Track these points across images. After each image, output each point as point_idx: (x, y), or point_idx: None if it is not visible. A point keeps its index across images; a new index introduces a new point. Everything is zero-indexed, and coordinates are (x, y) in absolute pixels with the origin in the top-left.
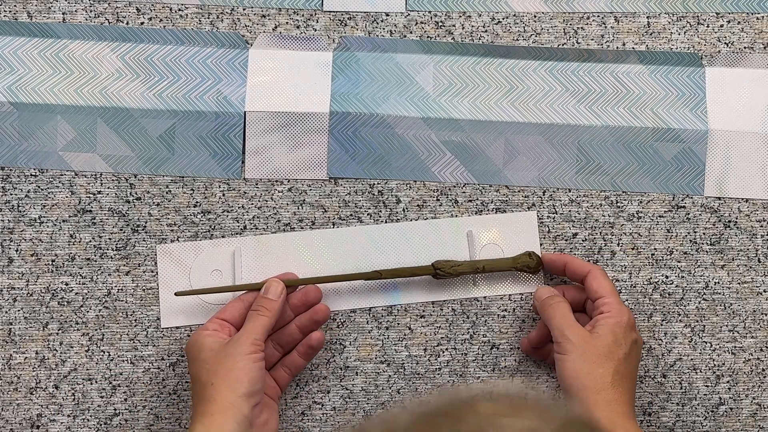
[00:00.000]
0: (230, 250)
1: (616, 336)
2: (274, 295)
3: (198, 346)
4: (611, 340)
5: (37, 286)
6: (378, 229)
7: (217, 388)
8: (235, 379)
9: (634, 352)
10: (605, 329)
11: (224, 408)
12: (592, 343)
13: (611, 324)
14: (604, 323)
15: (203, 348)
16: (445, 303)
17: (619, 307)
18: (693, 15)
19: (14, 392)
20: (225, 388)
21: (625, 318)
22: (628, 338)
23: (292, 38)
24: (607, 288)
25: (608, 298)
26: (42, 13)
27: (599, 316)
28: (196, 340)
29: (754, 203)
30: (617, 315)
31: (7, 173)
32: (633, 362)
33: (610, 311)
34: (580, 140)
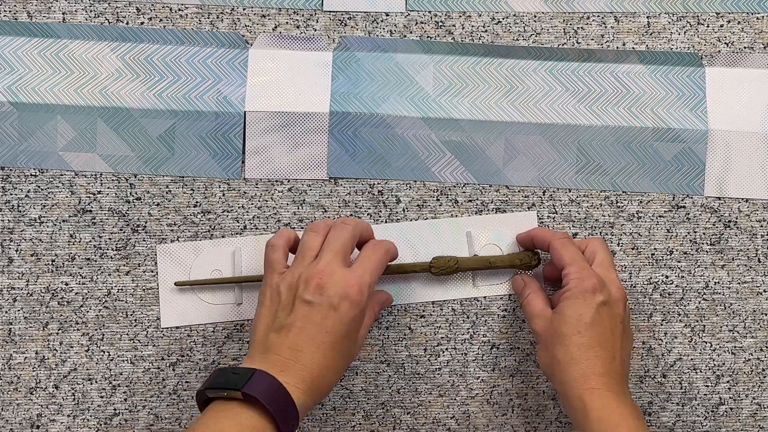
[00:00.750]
0: (230, 250)
1: (577, 308)
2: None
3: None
4: (571, 314)
5: (37, 286)
6: (378, 229)
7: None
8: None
9: (603, 314)
10: (565, 306)
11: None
12: (553, 327)
13: (570, 298)
14: (563, 299)
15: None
16: (445, 303)
17: (579, 276)
18: (693, 15)
19: (14, 392)
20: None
21: (585, 284)
22: (591, 305)
23: (292, 38)
24: (565, 257)
25: (567, 269)
26: (42, 13)
27: (560, 291)
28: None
29: (754, 203)
30: (576, 285)
31: (7, 173)
32: (604, 325)
33: (569, 283)
34: (580, 140)
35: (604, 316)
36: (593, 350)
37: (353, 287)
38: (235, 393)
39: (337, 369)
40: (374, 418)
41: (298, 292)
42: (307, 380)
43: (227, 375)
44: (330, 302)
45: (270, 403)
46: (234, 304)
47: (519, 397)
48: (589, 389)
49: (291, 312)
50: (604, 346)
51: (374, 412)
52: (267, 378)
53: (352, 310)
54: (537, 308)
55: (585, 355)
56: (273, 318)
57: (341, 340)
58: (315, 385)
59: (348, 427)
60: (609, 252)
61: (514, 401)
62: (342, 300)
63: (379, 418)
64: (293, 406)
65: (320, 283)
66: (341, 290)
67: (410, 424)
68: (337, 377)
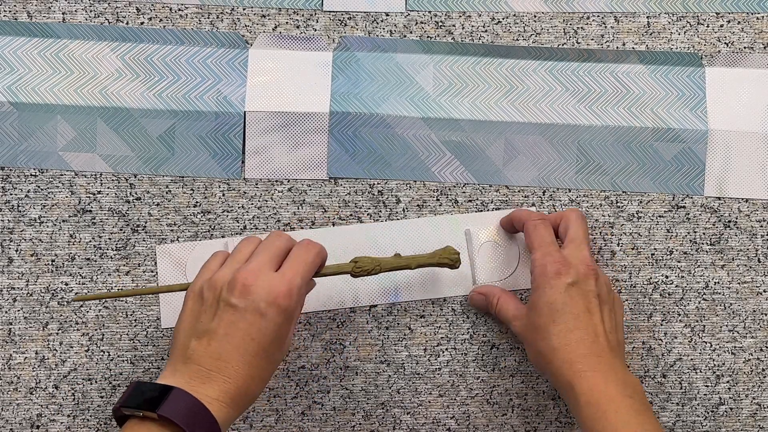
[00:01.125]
0: (223, 242)
1: (546, 296)
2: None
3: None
4: (543, 304)
5: (37, 286)
6: (377, 227)
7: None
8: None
9: (573, 295)
10: (535, 297)
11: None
12: (530, 322)
13: (538, 288)
14: (532, 291)
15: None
16: (445, 303)
17: (542, 262)
18: (693, 15)
19: (14, 392)
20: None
21: (548, 270)
22: (558, 290)
23: (292, 38)
24: (534, 242)
25: (533, 255)
26: (42, 13)
27: (531, 280)
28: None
29: (754, 203)
30: (540, 273)
31: (7, 173)
32: (577, 306)
33: (534, 271)
34: (580, 140)
35: (575, 297)
36: (572, 334)
37: (281, 291)
38: (151, 414)
39: (263, 377)
40: (374, 418)
41: (223, 294)
42: (231, 392)
43: (144, 392)
44: (256, 307)
45: (188, 425)
46: None
47: (519, 397)
48: (576, 373)
49: (214, 316)
50: (582, 326)
51: (374, 412)
52: (185, 397)
53: (279, 316)
54: (510, 311)
55: (565, 341)
56: (195, 321)
57: (268, 347)
58: (239, 396)
59: (348, 427)
60: (582, 224)
61: (514, 401)
62: (269, 306)
63: (379, 418)
64: (214, 423)
65: (246, 285)
66: (268, 294)
67: (410, 424)
68: (263, 385)
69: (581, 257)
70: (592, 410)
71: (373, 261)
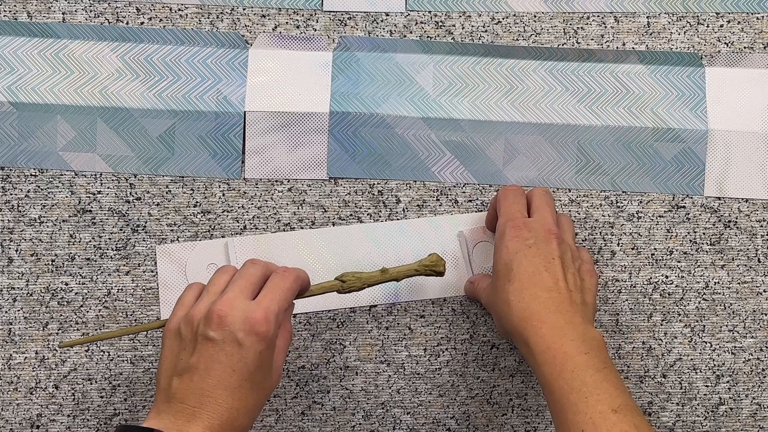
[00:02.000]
0: (224, 242)
1: (501, 256)
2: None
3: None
4: (499, 264)
5: (37, 286)
6: (377, 227)
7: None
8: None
9: (529, 255)
10: (493, 261)
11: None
12: (491, 289)
13: (497, 251)
14: (493, 255)
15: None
16: (445, 303)
17: (501, 221)
18: (693, 15)
19: (14, 392)
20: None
21: (506, 232)
22: (514, 249)
23: (292, 38)
24: (501, 210)
25: (498, 221)
26: (42, 13)
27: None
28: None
29: (754, 203)
30: (498, 235)
31: (7, 173)
32: (533, 264)
33: (495, 237)
34: (580, 140)
35: (531, 257)
36: (526, 290)
37: (258, 318)
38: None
39: (251, 408)
40: (374, 418)
41: (200, 328)
42: (217, 427)
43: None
44: (234, 337)
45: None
46: None
47: (519, 397)
48: (532, 329)
49: (194, 352)
50: (537, 283)
51: (374, 412)
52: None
53: (259, 344)
54: (482, 286)
55: (519, 297)
56: (175, 360)
57: (252, 377)
58: (225, 429)
59: (348, 427)
60: (546, 196)
61: (514, 401)
62: (247, 334)
63: (379, 418)
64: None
65: (221, 316)
66: (244, 322)
67: (410, 424)
68: (252, 416)
69: (543, 222)
70: (548, 369)
71: (359, 278)
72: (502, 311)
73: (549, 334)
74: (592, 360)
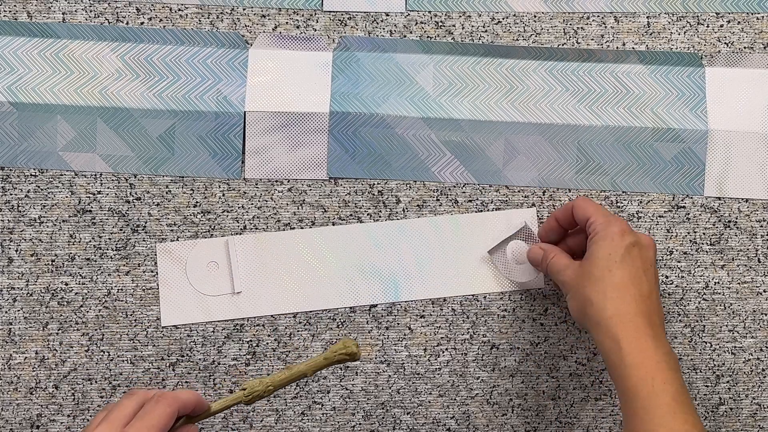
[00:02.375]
0: (224, 240)
1: (606, 248)
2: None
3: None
4: (600, 257)
5: (37, 286)
6: (377, 227)
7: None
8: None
9: (633, 254)
10: (594, 249)
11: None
12: (584, 271)
13: (598, 241)
14: (592, 244)
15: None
16: (445, 303)
17: (605, 220)
18: (693, 15)
19: (14, 392)
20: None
21: (613, 228)
22: (621, 245)
23: (292, 38)
24: (589, 209)
25: (593, 218)
26: (42, 13)
27: (588, 239)
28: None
29: (754, 203)
30: (603, 229)
31: (7, 173)
32: (636, 264)
33: (595, 229)
34: (580, 140)
35: (635, 256)
36: (626, 289)
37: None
38: None
39: None
40: (374, 418)
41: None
42: None
43: None
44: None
45: None
46: (231, 294)
47: (519, 397)
48: (626, 330)
49: None
50: (637, 285)
51: (374, 412)
52: None
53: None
54: (563, 263)
55: (618, 294)
56: None
57: None
58: None
59: (348, 427)
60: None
61: (514, 401)
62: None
63: (379, 418)
64: None
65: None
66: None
67: (410, 424)
68: None
69: (642, 233)
70: (640, 372)
71: (262, 382)
72: (594, 299)
73: (644, 340)
74: (680, 380)
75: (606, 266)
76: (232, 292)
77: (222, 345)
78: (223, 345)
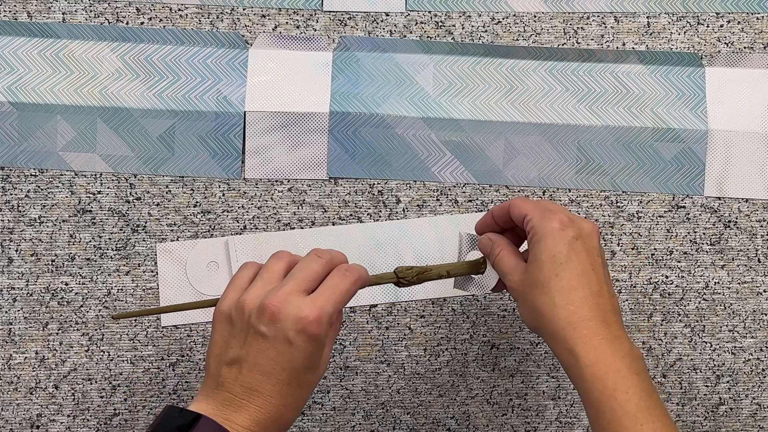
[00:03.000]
0: (224, 240)
1: (549, 249)
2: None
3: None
4: (545, 258)
5: (37, 286)
6: (378, 227)
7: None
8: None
9: (578, 249)
10: (536, 251)
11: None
12: (529, 277)
13: (538, 241)
14: (532, 245)
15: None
16: (445, 303)
17: (542, 216)
18: (693, 15)
19: (14, 392)
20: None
21: (551, 222)
22: (563, 242)
23: (292, 38)
24: (525, 206)
25: (529, 214)
26: (42, 13)
27: (528, 238)
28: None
29: (754, 203)
30: (541, 226)
31: (7, 173)
32: (582, 261)
33: (533, 227)
34: (580, 140)
35: (580, 251)
36: (575, 292)
37: (311, 319)
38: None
39: (297, 403)
40: (374, 418)
41: (251, 320)
42: (263, 421)
43: (173, 418)
44: (285, 336)
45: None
46: None
47: (519, 397)
48: (581, 339)
49: (244, 343)
50: (586, 284)
51: (374, 412)
52: (213, 427)
53: (309, 345)
54: (510, 264)
55: (567, 299)
56: (225, 346)
57: (300, 374)
58: (272, 424)
59: (348, 427)
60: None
61: (514, 401)
62: (298, 334)
63: (379, 418)
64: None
65: (275, 312)
66: (296, 322)
67: (410, 424)
68: (297, 412)
69: (578, 217)
70: (599, 386)
71: (412, 272)
72: (544, 309)
73: (601, 348)
74: (644, 383)
75: (551, 270)
76: None
77: None
78: None
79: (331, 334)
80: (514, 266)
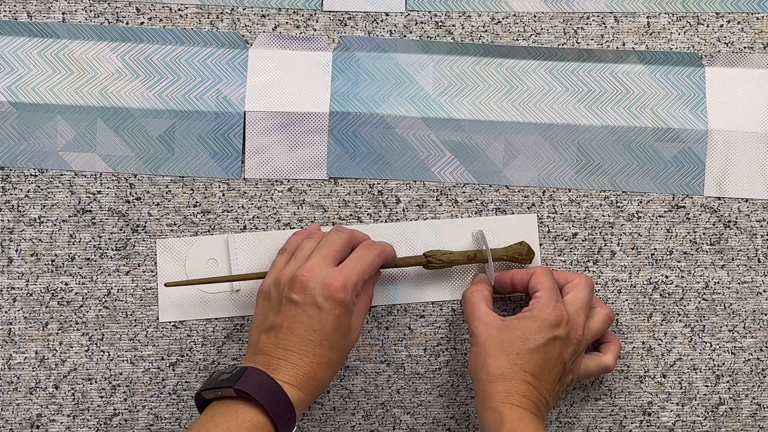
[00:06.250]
0: (224, 237)
1: (529, 331)
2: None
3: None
4: (518, 334)
5: (37, 286)
6: (377, 228)
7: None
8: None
9: (551, 348)
10: (518, 323)
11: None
12: (498, 338)
13: (527, 318)
14: (520, 316)
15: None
16: (445, 303)
17: (547, 303)
18: (693, 15)
19: (14, 392)
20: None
21: (546, 315)
22: (541, 335)
23: (292, 38)
24: (544, 284)
25: (540, 292)
26: (42, 13)
27: (524, 309)
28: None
29: (754, 203)
30: (540, 310)
31: (7, 173)
32: (547, 358)
33: (535, 306)
34: (580, 140)
35: (551, 351)
36: (525, 374)
37: (337, 285)
38: (228, 390)
39: (330, 364)
40: (374, 418)
41: (285, 291)
42: (300, 377)
43: (221, 375)
44: (313, 301)
45: (262, 397)
46: (230, 291)
47: None
48: (508, 404)
49: (279, 312)
50: (538, 375)
51: (374, 412)
52: (258, 374)
53: (336, 308)
54: (483, 312)
55: (515, 375)
56: (264, 318)
57: (330, 337)
58: (309, 380)
59: (348, 427)
60: (590, 292)
61: None
62: (326, 299)
63: (379, 418)
64: (286, 399)
65: (304, 281)
66: (324, 288)
67: (410, 424)
68: (332, 371)
69: (577, 323)
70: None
71: (443, 258)
72: (490, 368)
73: (523, 414)
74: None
75: (518, 347)
76: (231, 290)
77: (222, 345)
78: (223, 345)
79: (359, 304)
80: (487, 316)
